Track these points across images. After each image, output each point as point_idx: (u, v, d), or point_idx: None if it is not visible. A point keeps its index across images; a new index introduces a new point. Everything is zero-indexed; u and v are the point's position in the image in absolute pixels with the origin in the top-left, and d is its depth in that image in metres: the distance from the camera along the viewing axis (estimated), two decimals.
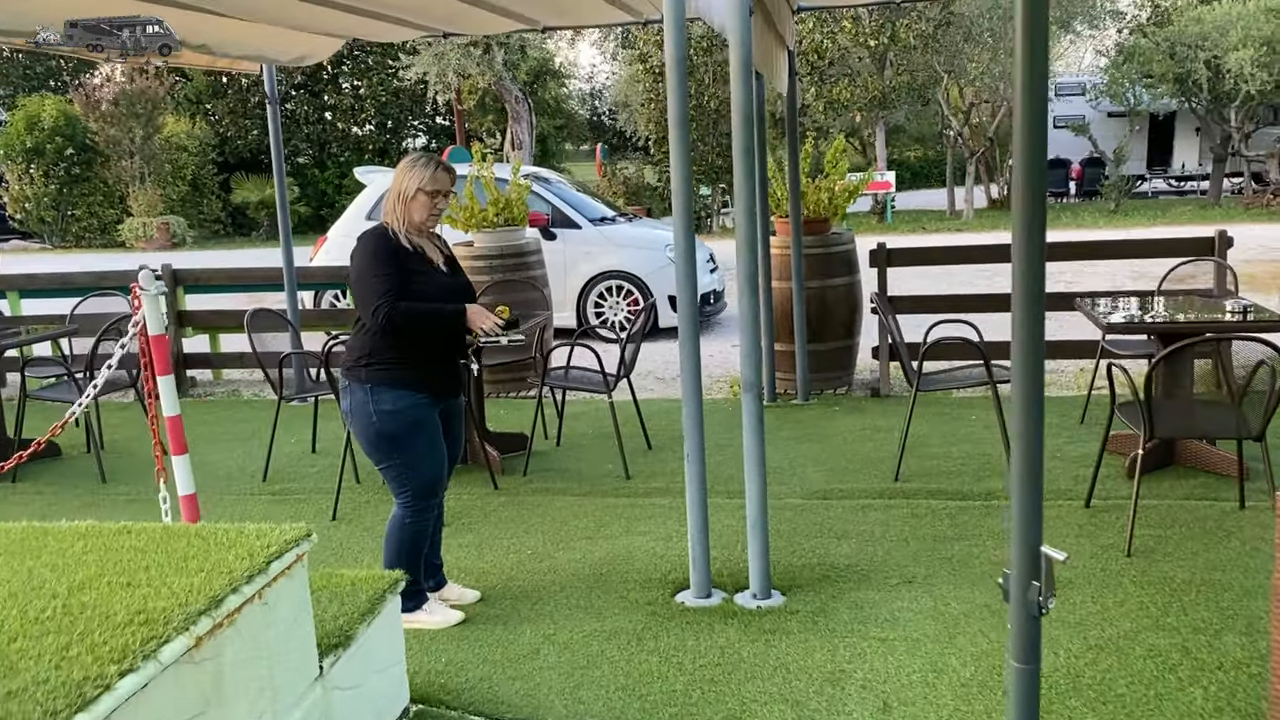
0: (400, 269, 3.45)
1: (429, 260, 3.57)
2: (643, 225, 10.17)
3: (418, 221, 3.53)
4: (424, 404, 3.53)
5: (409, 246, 3.51)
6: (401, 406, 3.48)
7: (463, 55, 17.47)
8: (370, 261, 3.44)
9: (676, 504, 4.94)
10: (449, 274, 3.64)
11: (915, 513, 4.66)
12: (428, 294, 3.49)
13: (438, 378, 3.57)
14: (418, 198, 3.50)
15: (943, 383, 5.20)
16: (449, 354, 3.61)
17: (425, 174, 3.51)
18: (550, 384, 5.52)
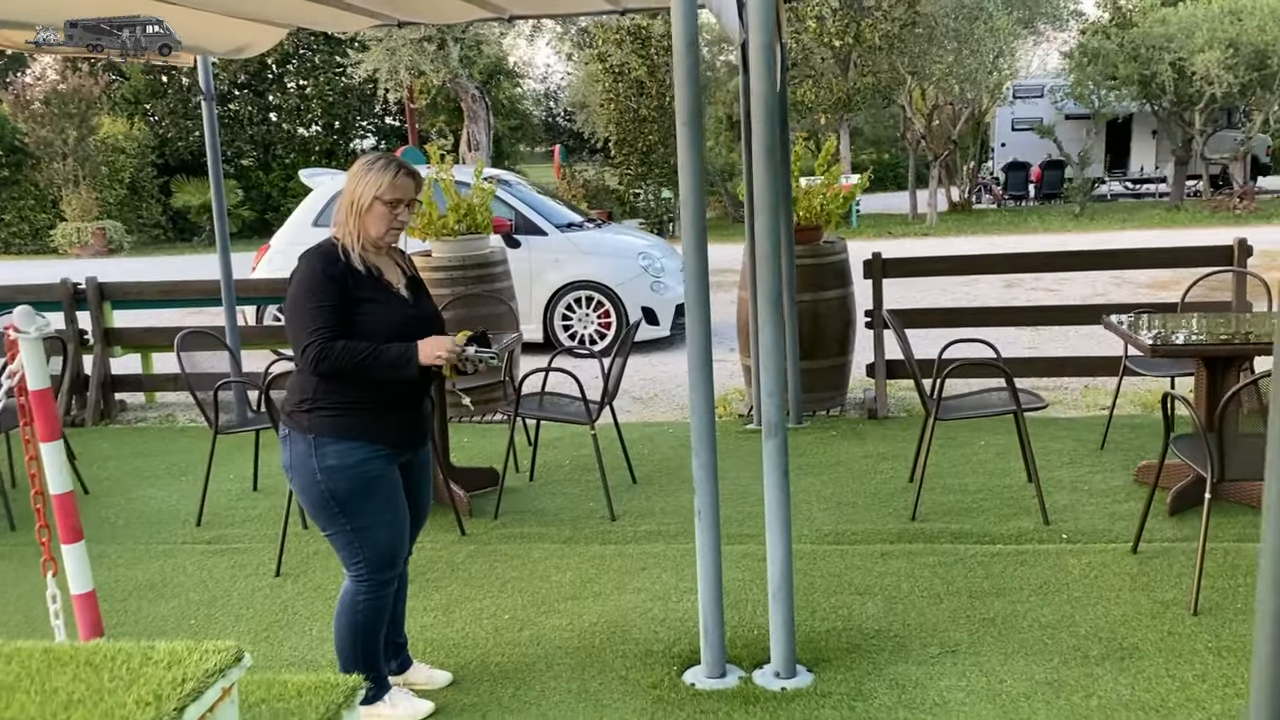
0: (345, 297, 2.84)
1: (385, 283, 2.96)
2: (613, 231, 9.59)
3: (374, 237, 2.91)
4: (380, 457, 2.92)
5: (362, 267, 2.90)
6: (353, 461, 2.87)
7: (416, 51, 16.74)
8: (307, 288, 2.83)
9: (671, 551, 4.36)
10: (411, 299, 3.03)
11: (942, 561, 4.13)
12: (380, 327, 2.88)
13: (397, 425, 2.96)
14: (374, 209, 2.89)
15: (964, 410, 4.68)
16: (412, 396, 3.00)
17: (384, 180, 2.89)
18: (524, 414, 4.92)
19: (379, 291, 2.92)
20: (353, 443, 2.88)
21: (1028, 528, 4.43)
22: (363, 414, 2.89)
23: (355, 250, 2.91)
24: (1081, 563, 4.04)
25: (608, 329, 8.71)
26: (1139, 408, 6.28)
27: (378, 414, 2.91)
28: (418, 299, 3.06)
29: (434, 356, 2.88)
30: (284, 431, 2.95)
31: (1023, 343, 8.32)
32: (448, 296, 6.57)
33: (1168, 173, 25.61)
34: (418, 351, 2.86)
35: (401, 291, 3.00)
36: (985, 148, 26.90)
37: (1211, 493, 3.62)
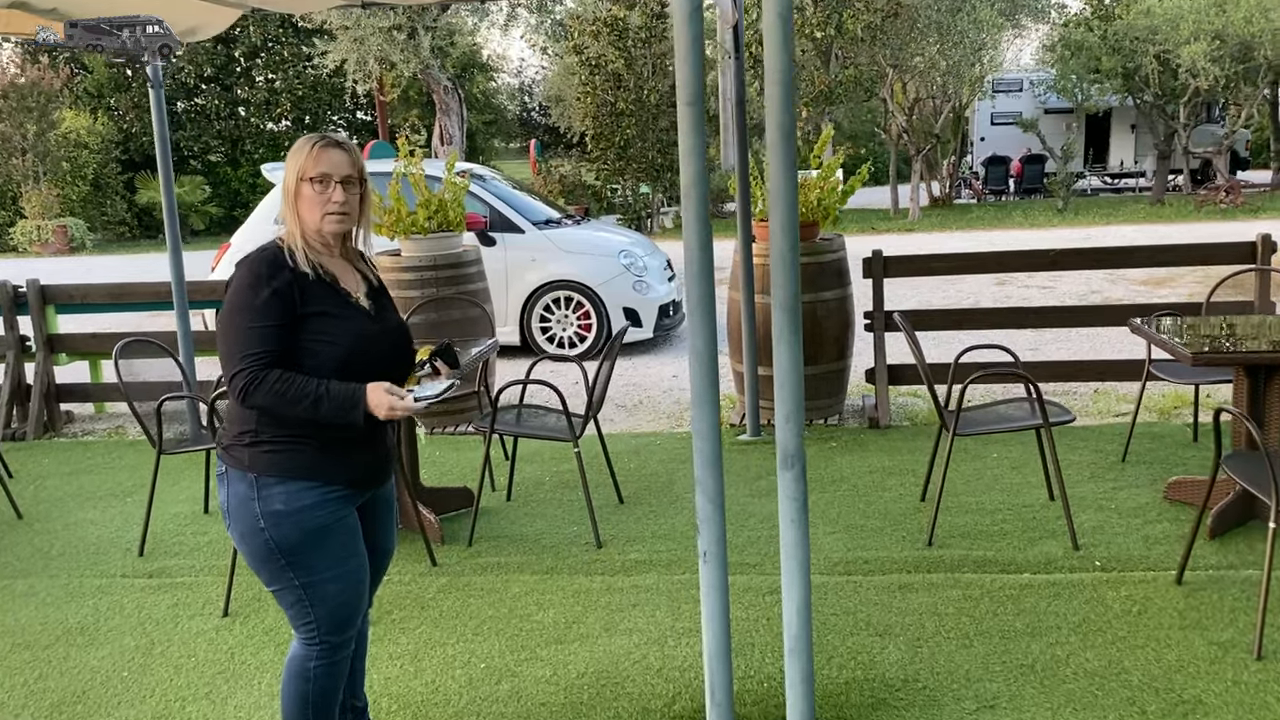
0: (289, 313, 2.38)
1: (341, 291, 2.50)
2: (593, 228, 9.13)
3: (311, 226, 2.45)
4: (335, 499, 2.46)
5: (311, 272, 2.44)
6: (303, 505, 2.41)
7: (385, 40, 16.15)
8: (242, 301, 2.37)
9: (665, 584, 3.93)
10: (372, 311, 2.57)
11: (968, 594, 3.72)
12: (333, 348, 2.41)
13: (357, 461, 2.50)
14: (302, 192, 2.43)
15: (984, 425, 4.27)
16: (373, 425, 2.54)
17: (301, 156, 2.43)
18: (500, 431, 4.46)
19: (332, 302, 2.46)
20: (303, 483, 2.42)
21: (1056, 554, 4.02)
22: (315, 448, 2.43)
23: (300, 250, 2.45)
24: (1121, 595, 3.64)
25: (588, 331, 8.26)
26: (1154, 414, 5.91)
27: (333, 448, 2.45)
28: (380, 310, 2.60)
29: (386, 412, 2.39)
30: (221, 468, 2.49)
31: (1023, 343, 7.95)
32: (418, 299, 6.12)
33: (1146, 167, 25.47)
34: (365, 397, 2.39)
35: (361, 301, 2.54)
36: (965, 142, 26.64)
37: (1277, 520, 3.22)
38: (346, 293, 2.50)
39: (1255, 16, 17.16)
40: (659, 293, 8.35)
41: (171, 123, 27.56)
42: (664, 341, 8.91)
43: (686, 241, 2.60)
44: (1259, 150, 29.45)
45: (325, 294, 2.45)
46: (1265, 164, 29.49)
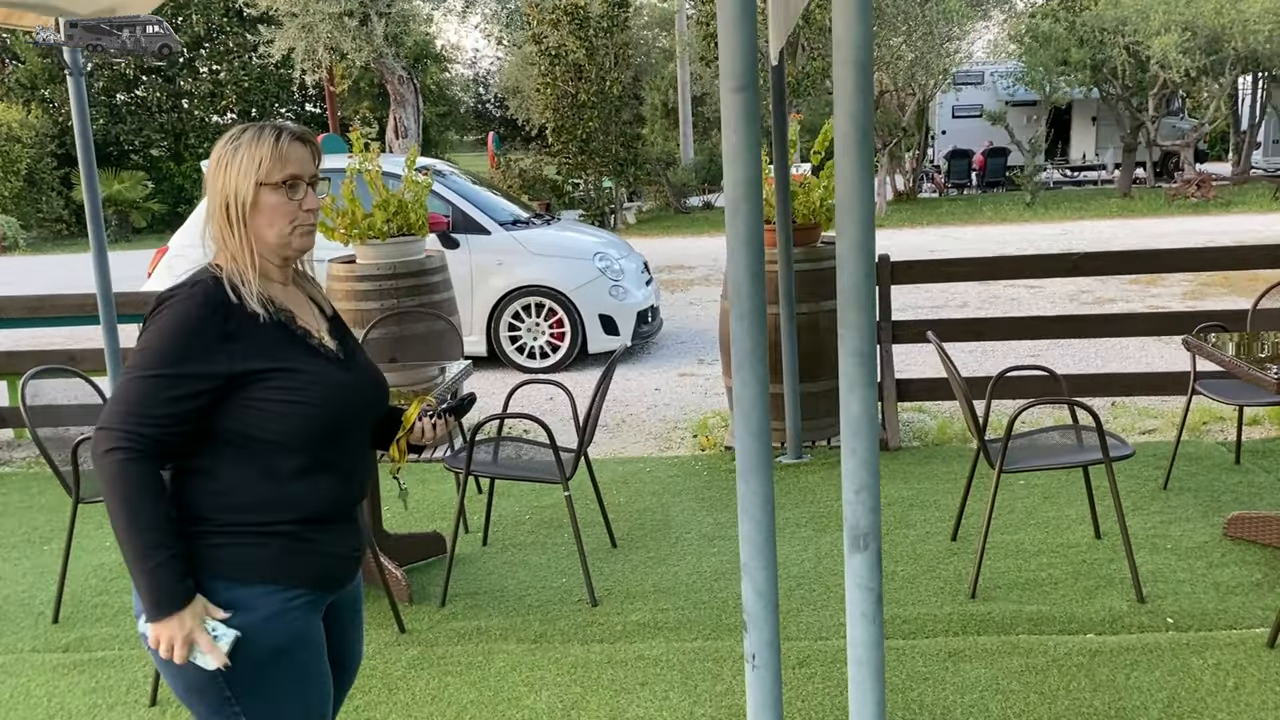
0: (218, 378, 1.77)
1: (299, 332, 1.88)
2: (565, 229, 8.52)
3: (276, 243, 1.84)
4: (298, 608, 1.86)
5: (264, 312, 1.83)
6: (254, 619, 1.81)
7: (335, 27, 15.35)
8: (158, 352, 1.75)
9: (674, 655, 3.37)
10: (340, 354, 1.95)
11: (1030, 663, 3.20)
12: (309, 411, 1.81)
13: (324, 552, 1.90)
14: (262, 200, 1.81)
15: (1035, 461, 3.74)
16: (345, 501, 1.95)
17: (261, 153, 1.81)
18: (477, 472, 3.87)
19: (293, 350, 1.84)
20: (255, 588, 1.82)
21: (1120, 609, 3.52)
22: (270, 538, 1.83)
23: (251, 284, 1.83)
24: (1209, 664, 3.14)
25: (561, 340, 7.67)
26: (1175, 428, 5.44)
27: (293, 537, 1.85)
28: (348, 352, 1.99)
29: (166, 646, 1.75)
30: None
31: (1023, 351, 7.49)
32: (376, 311, 5.49)
33: (1107, 160, 25.33)
34: (177, 610, 1.73)
35: (326, 342, 1.94)
36: (927, 135, 26.38)
37: None
38: (305, 332, 1.89)
39: (1225, 8, 16.95)
40: (636, 298, 7.78)
41: (111, 116, 26.46)
42: (643, 350, 8.34)
43: (734, 277, 2.04)
44: (1214, 143, 29.54)
45: (281, 340, 1.84)
46: (1219, 157, 29.63)
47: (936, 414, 6.01)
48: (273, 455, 1.82)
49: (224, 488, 1.82)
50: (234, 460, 1.82)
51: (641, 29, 23.71)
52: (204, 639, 1.75)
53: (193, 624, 1.74)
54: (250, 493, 1.82)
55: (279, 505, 1.83)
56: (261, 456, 1.82)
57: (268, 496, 1.83)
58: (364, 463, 1.99)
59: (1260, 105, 21.13)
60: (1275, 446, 5.05)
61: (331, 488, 1.89)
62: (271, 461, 1.82)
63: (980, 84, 25.57)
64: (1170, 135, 22.08)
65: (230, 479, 1.82)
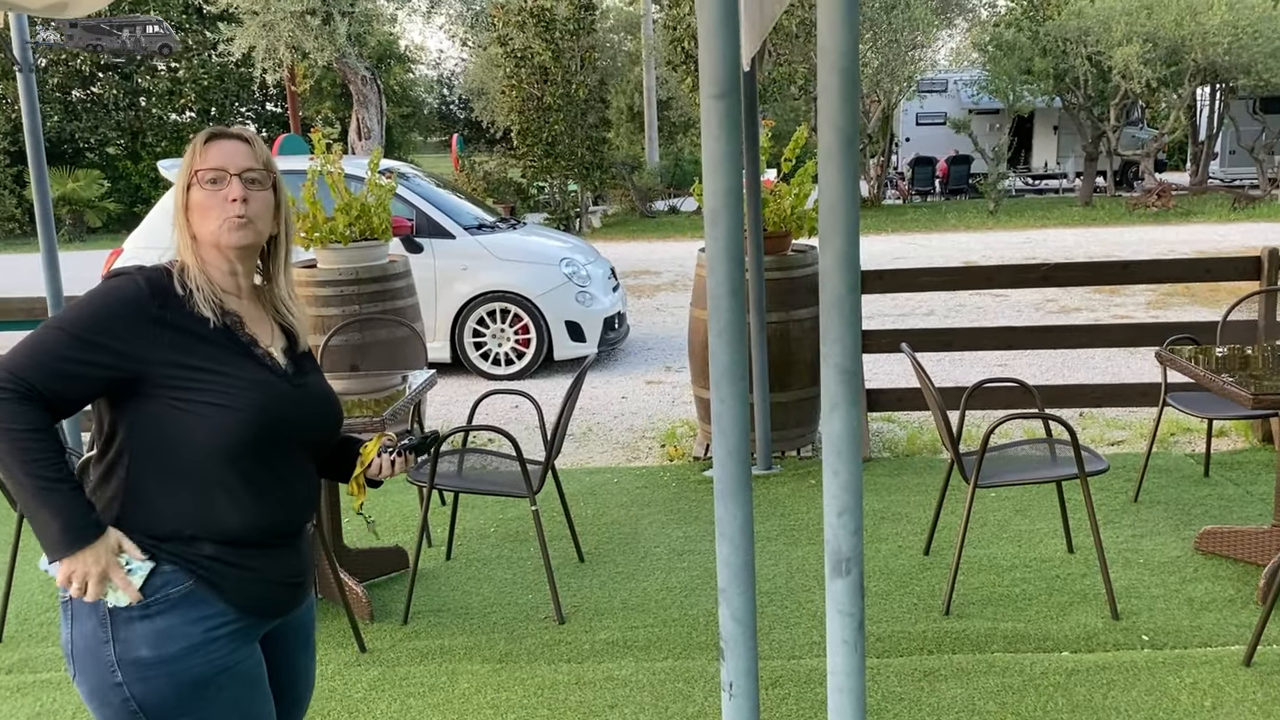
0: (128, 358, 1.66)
1: (244, 338, 1.79)
2: (531, 234, 8.41)
3: (208, 240, 1.76)
4: (227, 636, 1.75)
5: (211, 313, 1.74)
6: (179, 649, 1.70)
7: (297, 26, 15.11)
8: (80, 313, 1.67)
9: (645, 675, 3.28)
10: (289, 370, 1.85)
11: (1006, 682, 3.14)
12: (233, 416, 1.70)
13: (263, 575, 1.80)
14: (193, 196, 1.76)
15: (1010, 476, 3.69)
16: (290, 520, 1.84)
17: (189, 154, 1.79)
18: (441, 486, 3.75)
19: (228, 353, 1.75)
20: (182, 614, 1.71)
21: (1095, 626, 3.48)
22: (207, 558, 1.73)
23: (202, 283, 1.75)
24: (1185, 683, 3.10)
25: (526, 347, 7.55)
26: (1144, 440, 5.44)
27: (227, 557, 1.75)
28: (303, 371, 1.89)
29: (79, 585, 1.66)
30: (63, 594, 1.76)
31: (991, 361, 7.49)
32: (337, 318, 5.36)
33: (1069, 168, 25.61)
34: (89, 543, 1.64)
35: (275, 354, 1.84)
36: (891, 142, 26.53)
37: None
38: (251, 340, 1.79)
39: (1185, 20, 17.17)
40: (603, 304, 7.68)
41: (66, 113, 25.96)
42: (609, 358, 8.24)
43: (714, 290, 1.96)
44: (1172, 153, 29.96)
45: (223, 344, 1.74)
46: (1177, 167, 30.07)
47: (906, 424, 5.97)
48: (201, 466, 1.72)
49: (144, 499, 1.72)
50: (157, 469, 1.71)
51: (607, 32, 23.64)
52: (119, 574, 1.67)
53: (108, 558, 1.66)
54: (173, 507, 1.72)
55: (203, 522, 1.73)
56: (188, 467, 1.71)
57: (192, 512, 1.72)
58: (306, 485, 1.88)
59: (1218, 116, 21.45)
60: (1243, 459, 5.05)
61: (264, 508, 1.78)
62: (199, 473, 1.72)
63: (944, 92, 25.76)
64: (1130, 145, 22.35)
65: (151, 490, 1.72)
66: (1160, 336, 5.09)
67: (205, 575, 1.73)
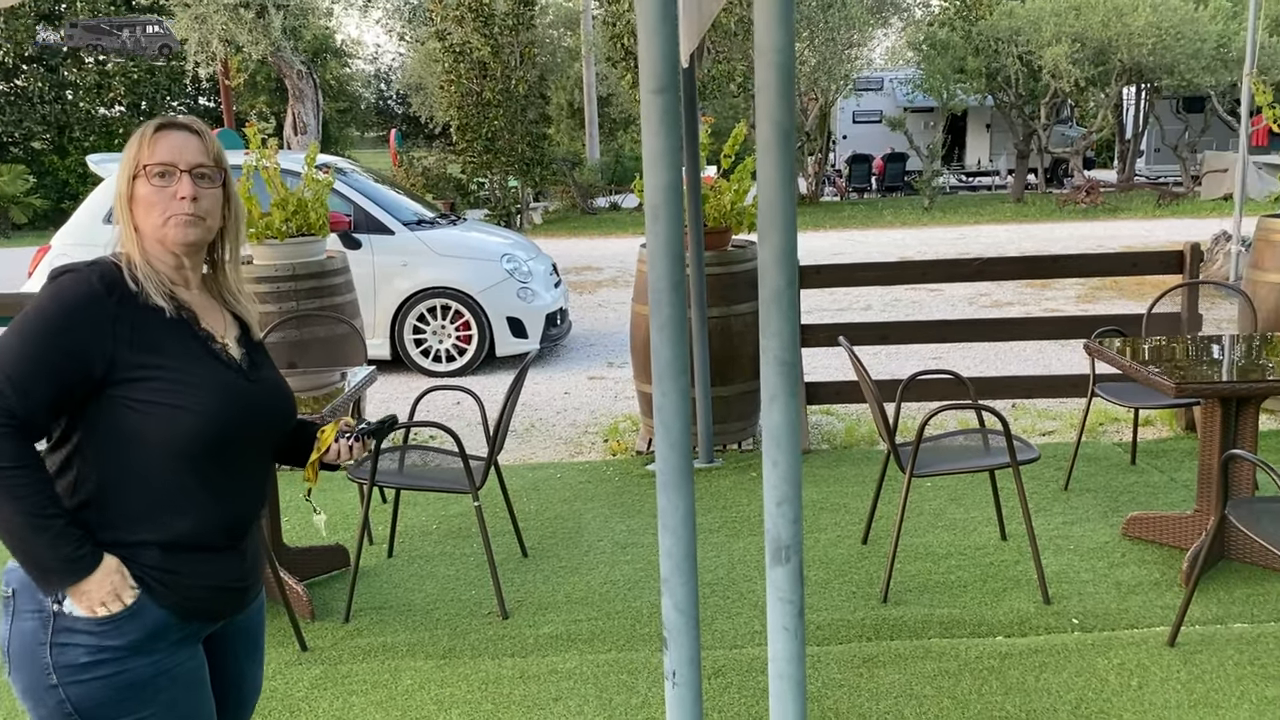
0: (92, 362, 1.64)
1: (201, 333, 1.76)
2: (471, 229, 8.37)
3: (153, 235, 1.73)
4: (166, 641, 1.74)
5: (163, 304, 1.71)
6: (117, 652, 1.69)
7: (230, 19, 14.83)
8: (31, 325, 1.64)
9: (589, 668, 3.30)
10: (244, 365, 1.83)
11: (942, 667, 3.22)
12: (192, 418, 1.69)
13: (206, 579, 1.78)
14: (138, 191, 1.73)
15: (945, 464, 3.78)
16: (236, 522, 1.82)
17: (136, 144, 1.74)
18: (383, 483, 3.74)
19: (186, 350, 1.72)
20: (125, 621, 1.69)
21: (1028, 610, 3.57)
22: (152, 558, 1.71)
23: (151, 277, 1.72)
24: (1114, 664, 3.20)
25: (467, 343, 7.52)
26: (1074, 430, 5.59)
27: (172, 564, 1.73)
28: (257, 365, 1.88)
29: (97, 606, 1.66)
30: (6, 588, 1.74)
31: (926, 354, 7.62)
32: (275, 315, 5.29)
33: (1001, 165, 26.13)
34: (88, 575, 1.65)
35: (229, 349, 1.81)
36: (829, 140, 26.84)
37: None
38: (208, 335, 1.77)
39: (1112, 20, 17.60)
40: (545, 300, 7.68)
41: None
42: (551, 354, 8.24)
43: (655, 285, 1.98)
44: (1100, 151, 30.71)
45: (177, 338, 1.72)
46: (1105, 164, 30.84)
47: (844, 416, 6.06)
48: (156, 468, 1.70)
49: (95, 501, 1.69)
50: (112, 471, 1.69)
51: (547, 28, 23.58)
52: (129, 593, 1.69)
53: (105, 582, 1.66)
54: (124, 510, 1.70)
55: (148, 523, 1.71)
56: (143, 469, 1.69)
57: (137, 513, 1.70)
58: (257, 485, 1.87)
59: (1143, 115, 22.03)
60: (1167, 447, 5.21)
61: (212, 509, 1.76)
62: (154, 476, 1.70)
63: (880, 90, 26.12)
64: (1060, 143, 22.86)
65: (104, 492, 1.69)
66: (1089, 329, 5.23)
67: (150, 583, 1.71)
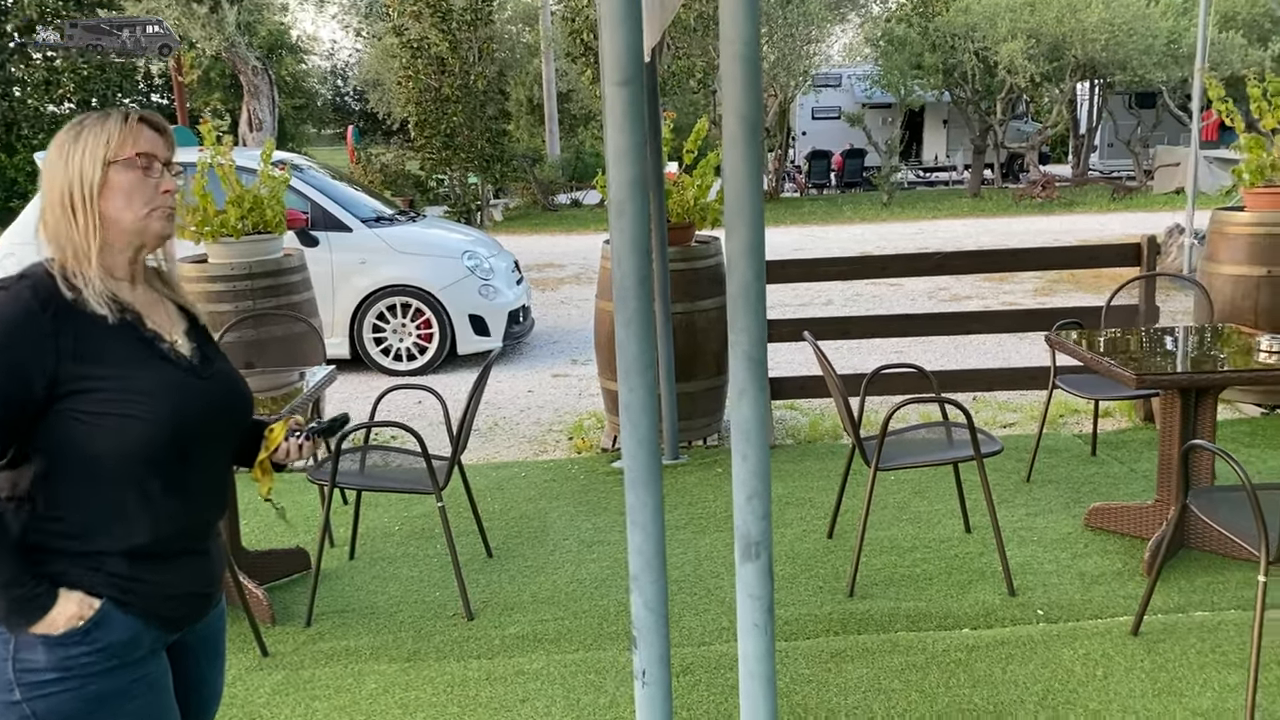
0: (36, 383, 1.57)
1: (148, 333, 1.70)
2: (431, 226, 8.28)
3: (133, 227, 1.67)
4: (132, 652, 1.69)
5: (106, 310, 1.64)
6: (82, 665, 1.63)
7: (183, 14, 14.57)
8: None
9: (556, 668, 3.26)
10: (197, 361, 1.77)
11: (910, 660, 3.22)
12: (147, 427, 1.63)
13: (170, 587, 1.73)
14: (113, 181, 1.64)
15: (909, 458, 3.78)
16: (196, 527, 1.77)
17: (110, 131, 1.66)
18: (344, 485, 3.67)
19: (137, 355, 1.66)
20: (90, 634, 1.64)
21: (993, 602, 3.59)
22: (97, 571, 1.66)
23: (94, 278, 1.65)
24: (1079, 654, 3.22)
25: (429, 341, 7.45)
26: (1034, 422, 5.64)
27: (137, 573, 1.68)
28: (209, 359, 1.81)
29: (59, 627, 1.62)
30: None
31: (887, 348, 7.66)
32: (230, 314, 5.20)
33: (958, 161, 26.38)
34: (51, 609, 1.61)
35: (179, 347, 1.75)
36: (788, 136, 26.93)
37: (1266, 574, 2.83)
38: (154, 335, 1.71)
39: (1065, 16, 17.80)
40: (507, 298, 7.62)
41: None
42: (514, 351, 8.18)
43: (620, 281, 1.95)
44: (1054, 146, 31.10)
45: (124, 343, 1.66)
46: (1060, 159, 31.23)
47: (808, 411, 6.07)
48: (112, 479, 1.64)
49: (51, 517, 1.63)
50: (66, 486, 1.63)
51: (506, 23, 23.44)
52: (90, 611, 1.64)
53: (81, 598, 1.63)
54: (83, 523, 1.64)
55: (110, 533, 1.65)
56: (99, 481, 1.64)
57: (98, 523, 1.65)
58: (219, 485, 1.82)
59: (1097, 111, 22.33)
60: (1127, 438, 5.27)
61: (175, 513, 1.71)
62: (111, 487, 1.64)
63: (838, 86, 26.25)
64: (1016, 138, 23.11)
65: (59, 507, 1.63)
66: (1048, 322, 5.28)
67: (115, 595, 1.66)
